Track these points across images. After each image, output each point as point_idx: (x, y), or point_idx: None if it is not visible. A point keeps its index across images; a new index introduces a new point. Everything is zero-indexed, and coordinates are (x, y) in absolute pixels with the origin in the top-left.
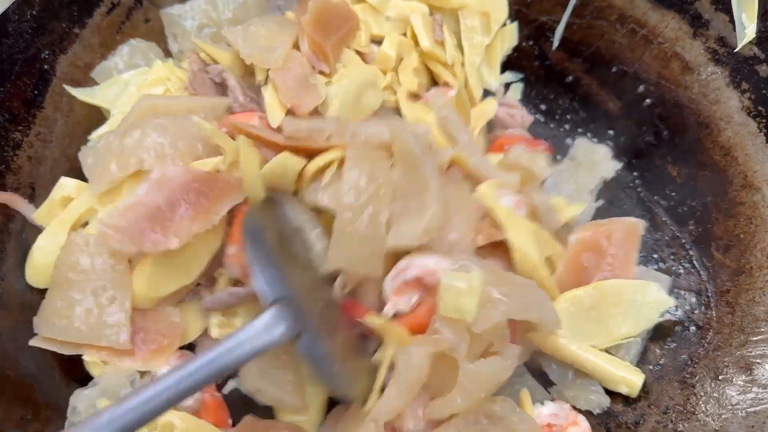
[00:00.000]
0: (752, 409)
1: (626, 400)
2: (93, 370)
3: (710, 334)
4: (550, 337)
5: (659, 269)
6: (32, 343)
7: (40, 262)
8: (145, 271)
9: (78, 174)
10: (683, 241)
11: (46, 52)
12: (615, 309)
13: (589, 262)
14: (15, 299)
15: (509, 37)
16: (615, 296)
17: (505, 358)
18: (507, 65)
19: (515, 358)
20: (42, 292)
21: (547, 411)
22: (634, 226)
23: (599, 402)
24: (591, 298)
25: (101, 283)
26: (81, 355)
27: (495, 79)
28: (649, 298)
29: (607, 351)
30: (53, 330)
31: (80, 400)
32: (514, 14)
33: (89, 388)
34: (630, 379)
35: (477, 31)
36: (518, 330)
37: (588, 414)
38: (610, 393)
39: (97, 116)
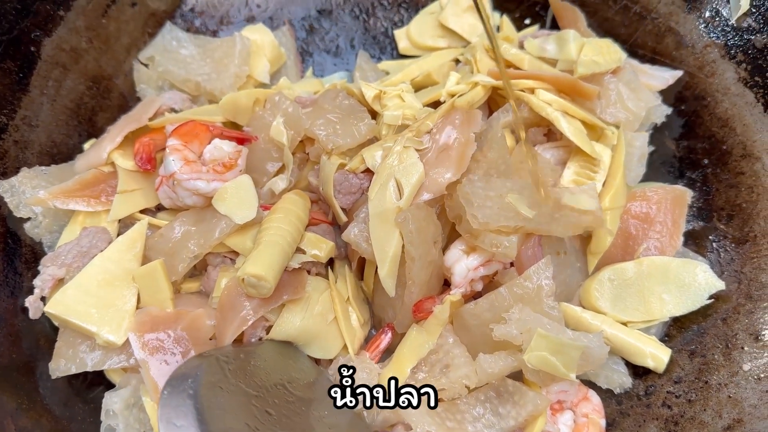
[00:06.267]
0: (764, 375)
1: (636, 371)
2: (114, 377)
3: (717, 303)
4: (570, 311)
5: None
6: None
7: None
8: None
9: (63, 159)
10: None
11: (31, 34)
12: (658, 287)
13: (637, 230)
14: None
15: None
16: (660, 274)
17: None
18: None
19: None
20: None
21: (557, 387)
22: (682, 194)
23: (621, 382)
24: (635, 272)
25: None
26: None
27: None
28: (697, 279)
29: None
30: None
31: (114, 402)
32: None
33: (120, 390)
34: (657, 354)
35: None
36: None
37: (596, 387)
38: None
39: (84, 102)
